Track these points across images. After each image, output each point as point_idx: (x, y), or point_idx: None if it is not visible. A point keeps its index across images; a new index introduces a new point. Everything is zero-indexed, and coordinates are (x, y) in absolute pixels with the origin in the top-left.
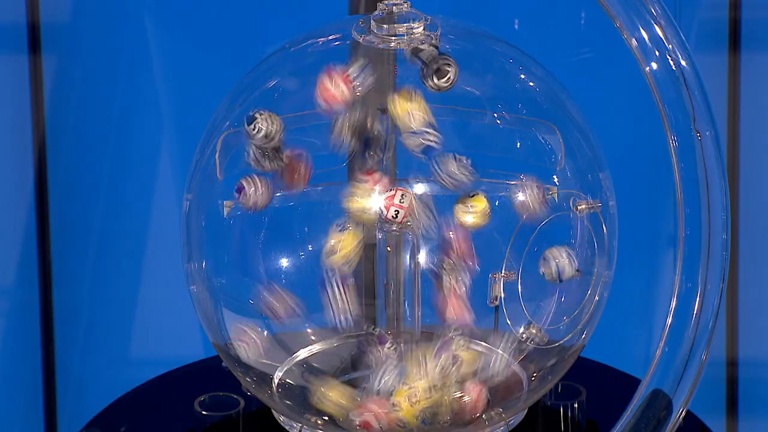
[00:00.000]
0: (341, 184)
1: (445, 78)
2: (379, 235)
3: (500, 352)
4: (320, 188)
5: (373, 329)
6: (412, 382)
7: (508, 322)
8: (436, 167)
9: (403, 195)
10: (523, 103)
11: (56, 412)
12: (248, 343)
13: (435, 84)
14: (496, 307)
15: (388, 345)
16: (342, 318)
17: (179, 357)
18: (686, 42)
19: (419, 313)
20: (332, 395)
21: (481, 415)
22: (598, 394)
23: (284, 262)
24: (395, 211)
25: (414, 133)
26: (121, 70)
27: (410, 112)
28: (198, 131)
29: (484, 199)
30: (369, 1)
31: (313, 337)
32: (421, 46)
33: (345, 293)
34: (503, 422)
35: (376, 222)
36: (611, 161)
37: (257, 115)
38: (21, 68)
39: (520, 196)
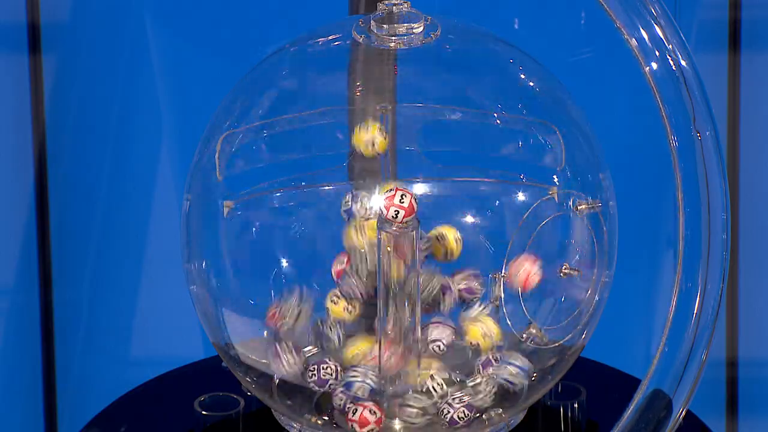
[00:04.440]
0: (341, 185)
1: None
2: (379, 236)
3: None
4: (320, 188)
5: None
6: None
7: (508, 322)
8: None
9: (403, 195)
10: (523, 103)
11: (56, 412)
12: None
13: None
14: (497, 307)
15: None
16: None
17: (179, 357)
18: (686, 42)
19: (419, 314)
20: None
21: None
22: (598, 394)
23: (284, 263)
24: (395, 211)
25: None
26: (121, 70)
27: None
28: (198, 131)
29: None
30: (369, 1)
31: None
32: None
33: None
34: (503, 422)
35: (376, 223)
36: (611, 161)
37: None
38: (21, 68)
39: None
